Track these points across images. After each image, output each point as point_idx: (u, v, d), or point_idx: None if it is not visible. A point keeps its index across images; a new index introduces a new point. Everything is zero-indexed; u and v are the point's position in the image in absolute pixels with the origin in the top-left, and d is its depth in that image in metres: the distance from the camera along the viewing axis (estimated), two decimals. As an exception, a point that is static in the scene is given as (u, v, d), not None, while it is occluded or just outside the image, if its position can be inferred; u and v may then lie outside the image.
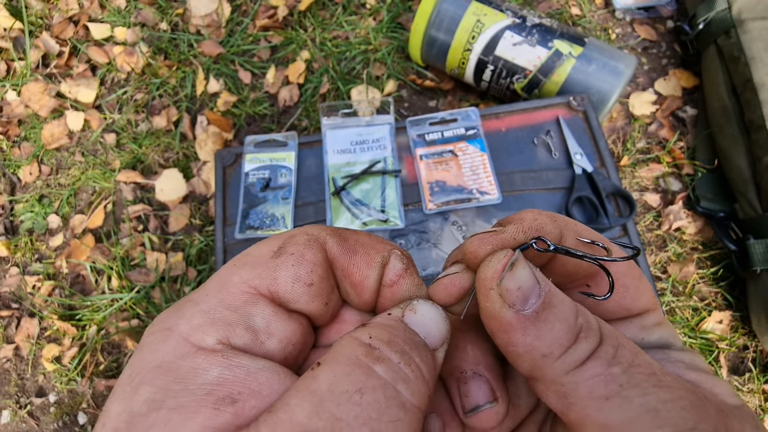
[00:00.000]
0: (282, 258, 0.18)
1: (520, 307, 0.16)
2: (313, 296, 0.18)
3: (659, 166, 0.82)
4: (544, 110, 0.67)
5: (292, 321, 0.18)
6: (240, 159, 0.68)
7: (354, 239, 0.20)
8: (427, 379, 0.16)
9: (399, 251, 0.20)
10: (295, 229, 0.20)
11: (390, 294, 0.19)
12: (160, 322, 0.17)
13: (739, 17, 0.73)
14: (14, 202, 0.92)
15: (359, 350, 0.15)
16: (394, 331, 0.16)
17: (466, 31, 0.74)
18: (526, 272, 0.16)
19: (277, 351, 0.17)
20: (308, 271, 0.18)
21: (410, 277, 0.19)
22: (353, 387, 0.14)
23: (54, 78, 0.99)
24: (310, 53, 0.94)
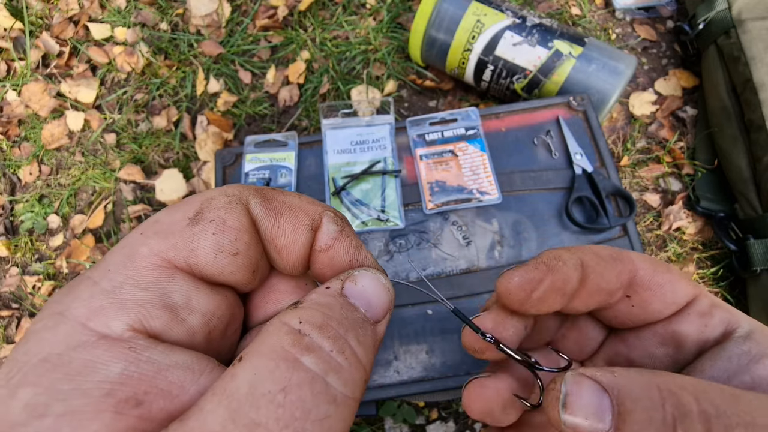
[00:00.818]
0: (200, 225, 0.16)
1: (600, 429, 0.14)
2: (239, 267, 0.16)
3: (659, 166, 0.82)
4: (544, 110, 0.67)
5: (216, 293, 0.16)
6: (240, 159, 0.68)
7: (280, 200, 0.18)
8: (363, 363, 0.14)
9: (332, 212, 0.18)
10: (212, 190, 0.17)
11: (327, 259, 0.18)
12: (51, 304, 0.14)
13: (739, 17, 0.73)
14: (14, 202, 0.92)
15: (286, 339, 0.13)
16: (328, 311, 0.15)
17: (466, 31, 0.74)
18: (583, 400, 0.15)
19: (200, 326, 0.15)
20: (232, 239, 0.16)
21: (346, 239, 0.18)
22: (276, 386, 0.12)
23: (54, 78, 0.99)
24: (310, 53, 0.94)
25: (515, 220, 0.61)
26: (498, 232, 0.61)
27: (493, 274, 0.59)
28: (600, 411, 0.15)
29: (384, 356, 0.56)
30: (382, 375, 0.55)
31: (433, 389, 0.54)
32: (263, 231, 0.17)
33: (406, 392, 0.54)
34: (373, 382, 0.55)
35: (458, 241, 0.61)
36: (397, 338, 0.57)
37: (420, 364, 0.56)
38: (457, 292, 0.58)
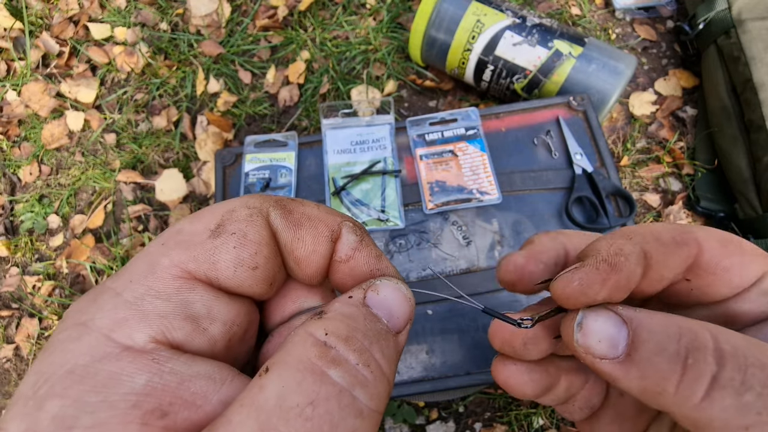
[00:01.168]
0: (221, 238, 0.16)
1: (612, 355, 0.15)
2: (257, 280, 0.16)
3: (659, 166, 0.82)
4: (544, 110, 0.67)
5: (235, 302, 0.16)
6: (240, 159, 0.68)
7: (300, 212, 0.17)
8: (387, 375, 0.14)
9: (351, 222, 0.18)
10: (233, 201, 0.17)
11: (348, 269, 0.18)
12: (74, 314, 0.14)
13: (739, 17, 0.73)
14: (14, 202, 0.92)
15: (313, 351, 0.14)
16: (353, 323, 0.15)
17: (466, 31, 0.74)
18: (598, 324, 0.15)
19: (221, 335, 0.16)
20: (252, 253, 0.16)
21: (366, 249, 0.18)
22: (305, 399, 0.12)
23: (54, 78, 0.99)
24: (310, 53, 0.94)
25: (515, 220, 0.61)
26: (498, 232, 0.61)
27: (493, 274, 0.59)
28: (614, 338, 0.15)
29: (384, 356, 0.56)
30: (382, 375, 0.55)
31: (433, 389, 0.54)
32: (283, 242, 0.17)
33: (406, 392, 0.54)
34: (373, 382, 0.55)
35: (458, 241, 0.61)
36: (397, 338, 0.57)
37: (420, 364, 0.56)
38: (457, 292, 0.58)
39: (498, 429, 0.71)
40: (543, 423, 0.71)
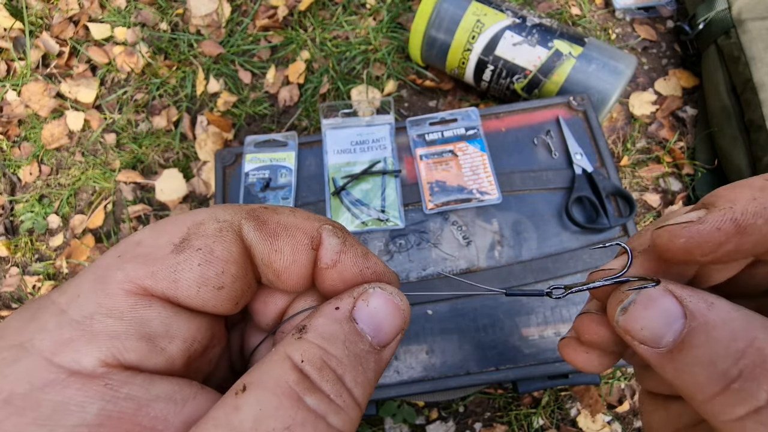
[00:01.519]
0: (186, 254, 0.14)
1: (653, 345, 0.14)
2: (222, 300, 0.15)
3: (659, 166, 0.82)
4: (544, 110, 0.67)
5: (196, 318, 0.15)
6: (240, 159, 0.68)
7: (275, 221, 0.16)
8: (359, 401, 0.14)
9: (330, 225, 0.17)
10: (202, 212, 0.16)
11: (336, 275, 0.17)
12: (8, 334, 0.13)
13: (739, 17, 0.73)
14: (14, 202, 0.92)
15: (291, 376, 0.13)
16: (331, 347, 0.14)
17: (466, 31, 0.74)
18: (648, 312, 0.14)
19: (181, 353, 0.15)
20: (218, 272, 0.15)
21: (351, 250, 0.17)
22: (281, 424, 0.12)
23: (54, 78, 0.99)
24: (310, 53, 0.94)
25: (515, 220, 0.61)
26: (498, 232, 0.61)
27: (493, 274, 0.59)
28: (661, 331, 0.14)
29: (384, 356, 0.56)
30: (383, 375, 0.55)
31: (433, 389, 0.54)
32: (259, 256, 0.16)
33: (406, 392, 0.54)
34: (373, 382, 0.55)
35: (458, 241, 0.61)
36: (397, 338, 0.57)
37: (420, 364, 0.56)
38: (457, 292, 0.58)
39: (498, 429, 0.71)
40: (543, 423, 0.72)
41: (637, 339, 0.14)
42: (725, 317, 0.13)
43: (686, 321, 0.13)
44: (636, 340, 0.14)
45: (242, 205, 0.17)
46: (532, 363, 0.55)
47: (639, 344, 0.14)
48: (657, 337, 0.14)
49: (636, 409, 0.72)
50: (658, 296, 0.14)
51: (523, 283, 0.58)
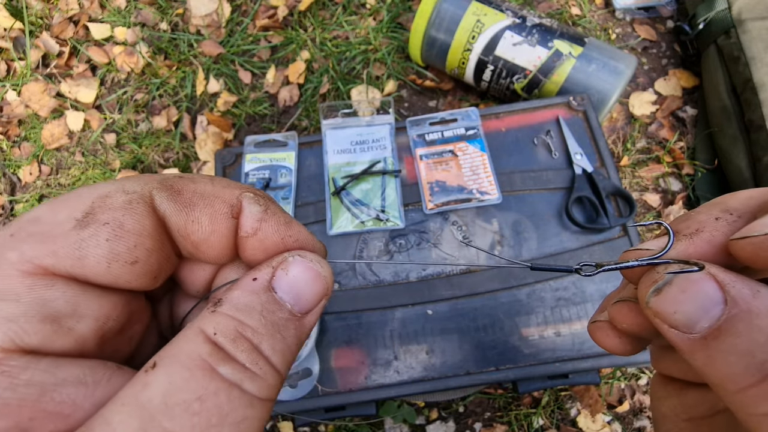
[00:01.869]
0: (90, 229, 0.13)
1: (685, 330, 0.13)
2: (137, 275, 0.14)
3: (659, 166, 0.82)
4: (544, 110, 0.67)
5: (110, 295, 0.14)
6: (240, 159, 0.68)
7: (191, 190, 0.16)
8: (278, 368, 0.14)
9: (252, 192, 0.16)
10: (108, 184, 0.15)
11: (257, 243, 0.16)
12: None
13: (739, 17, 0.73)
14: (14, 202, 0.92)
15: (204, 348, 0.13)
16: (246, 317, 0.14)
17: (466, 31, 0.74)
18: (684, 296, 0.13)
19: (92, 331, 0.14)
20: (131, 246, 0.14)
21: (273, 217, 0.16)
22: (192, 395, 0.12)
23: (54, 78, 0.99)
24: (310, 53, 0.94)
25: (515, 220, 0.61)
26: (498, 232, 0.61)
27: (493, 274, 0.59)
28: (696, 317, 0.13)
29: (384, 356, 0.56)
30: (382, 375, 0.55)
31: (433, 389, 0.54)
32: (175, 227, 0.15)
33: (406, 392, 0.54)
34: (373, 381, 0.55)
35: (458, 241, 0.61)
36: (397, 338, 0.57)
37: (420, 364, 0.56)
38: (457, 292, 0.58)
39: (498, 429, 0.71)
40: (543, 423, 0.72)
41: (667, 323, 0.14)
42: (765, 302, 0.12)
43: (726, 307, 0.13)
44: (666, 323, 0.14)
45: (154, 175, 0.16)
46: (532, 363, 0.55)
47: (669, 328, 0.14)
48: (691, 322, 0.13)
49: (636, 409, 0.72)
50: (698, 279, 0.13)
51: (523, 284, 0.58)
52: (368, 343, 0.57)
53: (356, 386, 0.55)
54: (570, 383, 0.57)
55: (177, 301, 0.19)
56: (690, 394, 0.18)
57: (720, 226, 0.15)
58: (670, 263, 0.15)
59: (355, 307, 0.58)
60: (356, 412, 0.56)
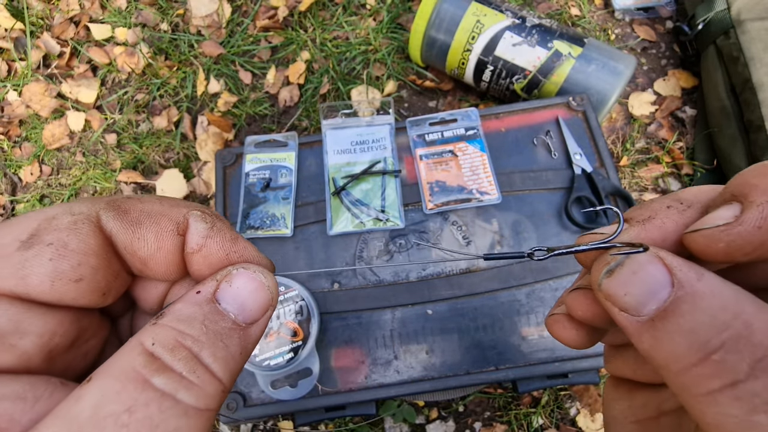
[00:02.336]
0: (34, 249, 0.14)
1: (634, 313, 0.14)
2: (83, 292, 0.15)
3: (658, 166, 0.82)
4: (544, 110, 0.67)
5: (56, 312, 0.15)
6: (240, 159, 0.68)
7: (138, 209, 0.16)
8: (219, 376, 0.14)
9: (199, 211, 0.17)
10: (55, 207, 0.15)
11: (202, 259, 0.16)
12: None
13: (738, 18, 0.73)
14: (15, 202, 0.92)
15: (138, 360, 0.13)
16: (186, 327, 0.14)
17: (466, 31, 0.75)
18: (634, 277, 0.14)
19: (37, 348, 0.14)
20: (74, 264, 0.14)
21: (218, 234, 0.16)
22: (122, 407, 0.12)
23: (55, 78, 0.99)
24: (310, 54, 0.94)
25: (515, 220, 0.62)
26: (498, 232, 0.61)
27: (492, 273, 0.59)
28: (645, 298, 0.13)
29: (384, 356, 0.56)
30: (382, 375, 0.56)
31: (432, 389, 0.54)
32: (122, 245, 0.16)
33: (406, 392, 0.55)
34: (373, 381, 0.55)
35: (458, 241, 0.61)
36: (397, 338, 0.57)
37: (420, 364, 0.56)
38: (457, 292, 0.58)
39: (498, 428, 0.71)
40: (542, 422, 0.72)
41: (618, 305, 0.14)
42: (714, 289, 0.13)
43: (673, 290, 0.13)
44: (617, 306, 0.14)
45: (103, 197, 0.17)
46: (531, 363, 0.55)
47: (619, 311, 0.14)
48: (639, 304, 0.14)
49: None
50: (646, 262, 0.14)
51: (522, 283, 0.58)
52: (368, 343, 0.57)
53: (356, 386, 0.55)
54: (569, 383, 0.57)
55: (136, 318, 0.20)
56: (639, 396, 0.18)
57: (671, 213, 0.16)
58: (617, 247, 0.15)
59: (355, 307, 0.58)
60: (356, 412, 0.56)
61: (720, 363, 0.12)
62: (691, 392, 0.12)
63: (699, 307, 0.13)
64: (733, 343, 0.12)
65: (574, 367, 0.54)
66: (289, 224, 0.63)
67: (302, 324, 0.55)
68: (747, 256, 0.13)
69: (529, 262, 0.59)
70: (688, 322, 0.12)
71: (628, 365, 0.19)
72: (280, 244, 0.62)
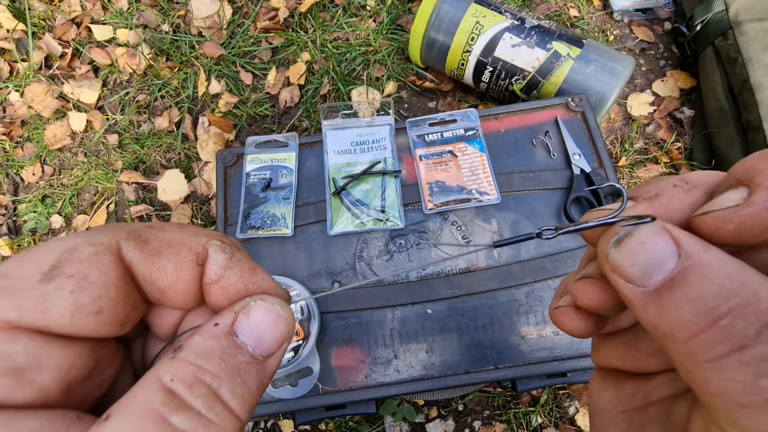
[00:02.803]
0: (55, 282, 0.14)
1: (640, 284, 0.14)
2: (102, 324, 0.15)
3: (657, 166, 0.82)
4: (543, 111, 0.68)
5: (74, 345, 0.15)
6: (241, 159, 0.68)
7: (158, 239, 0.16)
8: (237, 413, 0.14)
9: (218, 240, 0.17)
10: (77, 236, 0.15)
11: (220, 290, 0.16)
12: None
13: (737, 19, 0.74)
14: (17, 203, 0.93)
15: (157, 398, 0.13)
16: (205, 362, 0.14)
17: (466, 32, 0.75)
18: (641, 247, 0.14)
19: (56, 381, 0.14)
20: (95, 297, 0.14)
21: (238, 265, 0.17)
22: None
23: (57, 79, 0.99)
24: (310, 54, 0.95)
25: (514, 220, 0.62)
26: (497, 232, 0.62)
27: (492, 273, 0.59)
28: (652, 267, 0.13)
29: (384, 355, 0.57)
30: (382, 374, 0.56)
31: (432, 388, 0.55)
32: (141, 275, 0.16)
33: (405, 391, 0.55)
34: (373, 380, 0.56)
35: (458, 240, 0.62)
36: (397, 337, 0.57)
37: (420, 363, 0.56)
38: (456, 292, 0.58)
39: (497, 427, 0.72)
40: (542, 421, 0.72)
41: (624, 276, 0.14)
42: (721, 260, 0.13)
43: (680, 260, 0.13)
44: (623, 277, 0.14)
45: (125, 224, 0.17)
46: (530, 362, 0.55)
47: (625, 283, 0.14)
48: (646, 275, 0.14)
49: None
50: (654, 233, 0.14)
51: (522, 283, 0.59)
52: (368, 342, 0.57)
53: (356, 385, 0.56)
54: (568, 382, 0.58)
55: (148, 343, 0.20)
56: (626, 386, 0.19)
57: (677, 192, 0.16)
58: (625, 220, 0.15)
59: (355, 307, 0.59)
60: (356, 411, 0.57)
61: (727, 328, 0.12)
62: (697, 359, 0.12)
63: (706, 276, 0.13)
64: (740, 309, 0.12)
65: (573, 366, 0.55)
66: (289, 224, 0.63)
67: (303, 323, 0.56)
68: (755, 238, 0.13)
69: (529, 261, 0.59)
70: (696, 291, 0.13)
71: (617, 353, 0.19)
72: (280, 244, 0.63)
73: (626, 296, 0.14)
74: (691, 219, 0.15)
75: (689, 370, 0.13)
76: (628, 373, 0.19)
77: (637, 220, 0.15)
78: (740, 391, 0.11)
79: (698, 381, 0.13)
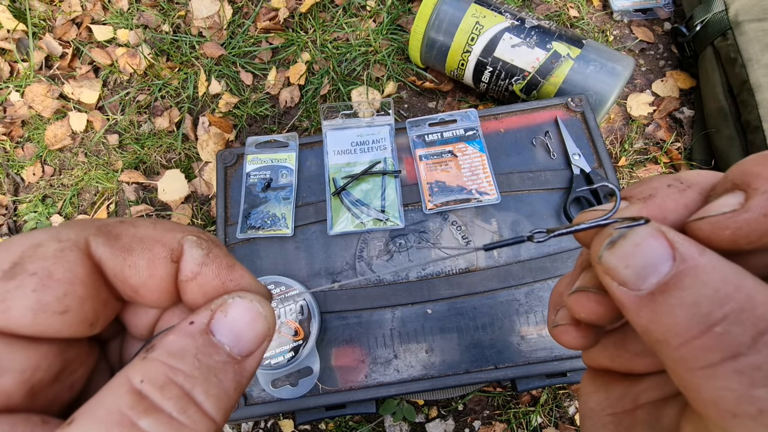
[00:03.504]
0: (17, 280, 0.13)
1: (634, 287, 0.13)
2: (69, 324, 0.14)
3: (656, 166, 0.82)
4: (543, 111, 0.68)
5: (38, 346, 0.14)
6: (241, 159, 0.68)
7: (130, 234, 0.15)
8: (212, 415, 0.13)
9: (195, 236, 0.16)
10: (42, 232, 0.14)
11: (197, 287, 0.16)
12: None
13: (736, 19, 0.74)
14: (18, 203, 0.93)
15: (125, 400, 0.12)
16: (178, 362, 0.13)
17: (465, 33, 0.75)
18: (635, 250, 0.13)
19: (18, 384, 0.13)
20: (59, 295, 0.13)
21: (215, 262, 0.16)
22: None
23: (57, 79, 1.00)
24: (310, 55, 0.95)
25: (514, 220, 0.62)
26: (497, 232, 0.62)
27: (492, 273, 0.59)
28: (646, 271, 0.13)
29: (384, 355, 0.57)
30: (382, 374, 0.56)
31: (432, 387, 0.55)
32: (112, 272, 0.15)
33: (405, 390, 0.55)
34: (373, 380, 0.56)
35: (457, 241, 0.62)
36: (397, 337, 0.57)
37: (420, 363, 0.56)
38: (456, 292, 0.59)
39: (497, 427, 0.72)
40: (541, 421, 0.72)
41: (617, 279, 0.14)
42: (716, 264, 0.13)
43: (674, 264, 0.13)
44: (616, 280, 0.14)
45: (95, 220, 0.16)
46: (530, 361, 0.55)
47: (618, 286, 0.14)
48: (640, 278, 0.13)
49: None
50: (648, 235, 0.14)
51: (522, 283, 0.59)
52: (368, 342, 0.57)
53: (356, 384, 0.56)
54: (568, 381, 0.58)
55: (126, 342, 0.19)
56: (616, 388, 0.18)
57: (671, 192, 0.16)
58: (618, 222, 0.15)
59: (355, 306, 0.59)
60: (356, 410, 0.57)
61: (722, 335, 0.11)
62: (690, 366, 0.12)
63: (701, 281, 0.12)
64: (735, 315, 0.12)
65: (573, 366, 0.55)
66: (289, 224, 0.63)
67: (303, 323, 0.56)
68: (751, 244, 0.13)
69: (529, 261, 0.60)
70: (690, 296, 0.12)
71: (607, 353, 0.19)
72: (280, 243, 0.63)
73: (619, 300, 0.14)
74: (687, 224, 0.15)
75: (682, 376, 0.12)
76: (618, 375, 0.19)
77: (630, 222, 0.15)
78: (733, 400, 0.11)
79: (691, 388, 0.12)
